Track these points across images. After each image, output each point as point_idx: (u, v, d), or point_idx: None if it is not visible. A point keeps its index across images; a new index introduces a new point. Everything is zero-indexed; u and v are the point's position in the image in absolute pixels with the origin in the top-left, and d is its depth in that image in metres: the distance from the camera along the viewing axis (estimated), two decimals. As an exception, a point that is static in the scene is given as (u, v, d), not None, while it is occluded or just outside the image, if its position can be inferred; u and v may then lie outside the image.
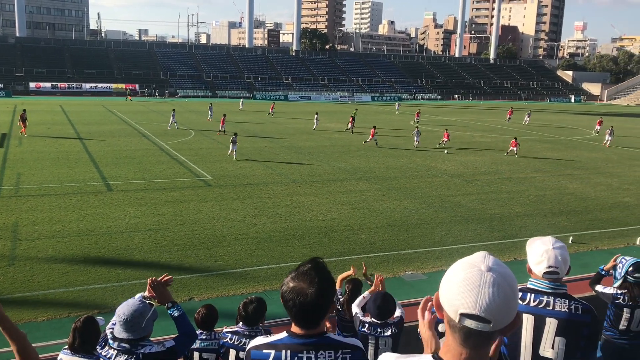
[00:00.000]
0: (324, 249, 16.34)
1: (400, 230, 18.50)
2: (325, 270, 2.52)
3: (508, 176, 28.08)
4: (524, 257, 13.18)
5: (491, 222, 19.87)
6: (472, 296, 1.69)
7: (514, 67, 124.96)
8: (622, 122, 62.83)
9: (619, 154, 37.22)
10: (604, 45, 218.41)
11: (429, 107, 77.64)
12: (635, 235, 18.83)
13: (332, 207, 21.01)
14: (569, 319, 3.49)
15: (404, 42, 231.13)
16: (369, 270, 14.11)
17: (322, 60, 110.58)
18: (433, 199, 22.94)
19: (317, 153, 33.30)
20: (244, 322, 5.41)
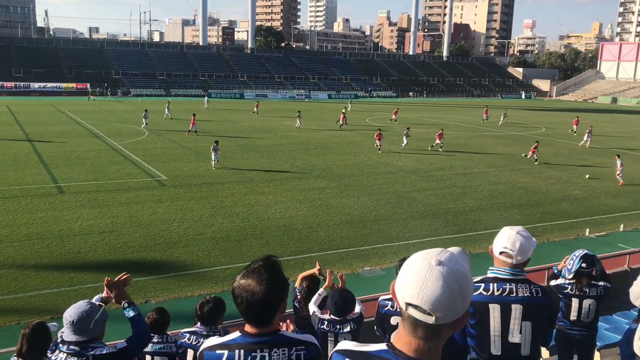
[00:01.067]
0: (283, 248, 16.30)
1: (359, 226, 18.62)
2: (276, 269, 2.50)
3: (462, 172, 28.61)
4: (479, 251, 13.53)
5: (446, 217, 20.20)
6: (416, 287, 1.73)
7: (466, 64, 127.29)
8: (570, 117, 64.73)
9: (568, 149, 38.39)
10: (552, 43, 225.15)
11: (386, 105, 78.39)
12: (584, 227, 19.47)
13: (291, 205, 20.97)
14: (531, 303, 3.58)
15: (359, 40, 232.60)
16: (329, 268, 14.17)
17: (277, 58, 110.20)
18: (390, 195, 23.17)
19: (274, 151, 33.18)
20: (201, 323, 5.39)
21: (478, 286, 3.64)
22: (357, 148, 35.46)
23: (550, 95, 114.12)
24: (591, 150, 37.70)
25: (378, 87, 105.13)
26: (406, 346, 1.81)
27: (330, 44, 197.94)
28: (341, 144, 36.93)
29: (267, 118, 54.03)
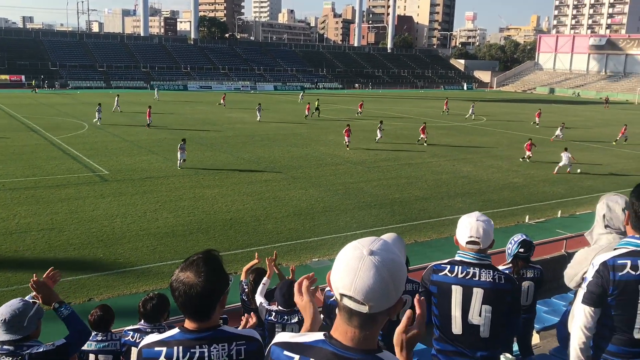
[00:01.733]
0: (230, 241, 16.15)
1: (307, 218, 18.65)
2: (215, 262, 2.47)
3: (407, 162, 29.04)
4: (424, 239, 13.77)
5: (392, 207, 20.49)
6: (349, 278, 1.74)
7: (410, 56, 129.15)
8: (511, 107, 66.76)
9: (508, 138, 39.53)
10: (493, 35, 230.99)
11: (333, 96, 78.69)
12: (524, 214, 20.14)
13: (237, 198, 20.79)
14: (493, 288, 3.71)
15: (304, 31, 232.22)
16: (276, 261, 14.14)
17: (222, 49, 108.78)
18: (337, 186, 23.30)
19: (220, 144, 32.79)
20: (145, 320, 5.28)
21: (444, 267, 3.81)
22: (304, 140, 35.47)
23: (491, 86, 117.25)
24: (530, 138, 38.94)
25: (324, 78, 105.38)
26: (342, 335, 1.83)
27: (275, 35, 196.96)
28: (288, 136, 36.85)
29: (212, 110, 53.33)
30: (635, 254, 3.18)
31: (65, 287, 12.38)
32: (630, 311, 3.18)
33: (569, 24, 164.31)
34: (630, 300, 3.16)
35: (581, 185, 25.06)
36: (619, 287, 3.16)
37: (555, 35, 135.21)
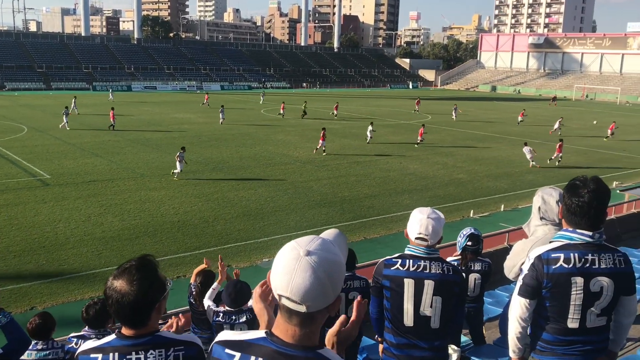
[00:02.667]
0: (178, 244, 15.92)
1: (256, 218, 18.57)
2: (148, 269, 2.43)
3: (355, 160, 29.30)
4: (373, 236, 13.92)
5: (342, 205, 20.64)
6: (285, 279, 1.77)
7: (356, 55, 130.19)
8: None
9: (453, 135, 40.43)
10: (437, 34, 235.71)
11: (281, 96, 78.45)
12: (469, 209, 20.66)
13: (185, 200, 20.51)
14: (442, 279, 3.82)
15: (250, 30, 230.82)
16: (227, 262, 14.02)
17: (166, 48, 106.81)
18: (287, 185, 23.29)
19: (166, 145, 32.22)
20: (89, 326, 5.16)
21: (395, 261, 3.89)
22: (253, 140, 35.27)
23: (435, 84, 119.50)
24: (473, 135, 39.96)
25: (271, 78, 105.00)
26: (283, 333, 1.85)
27: (221, 35, 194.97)
28: (236, 136, 36.56)
29: (157, 110, 52.33)
30: (568, 247, 3.30)
31: (6, 297, 11.92)
32: (563, 302, 3.31)
33: (509, 23, 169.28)
34: (564, 292, 3.29)
35: (522, 180, 25.89)
36: (553, 279, 3.28)
37: (496, 34, 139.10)
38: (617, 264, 3.30)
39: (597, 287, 3.27)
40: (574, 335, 3.33)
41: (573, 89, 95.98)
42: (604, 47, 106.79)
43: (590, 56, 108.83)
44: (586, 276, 3.26)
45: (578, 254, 3.27)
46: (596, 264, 3.27)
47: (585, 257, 3.27)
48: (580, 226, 3.31)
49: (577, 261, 3.26)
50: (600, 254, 3.29)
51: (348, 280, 5.90)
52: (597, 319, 3.32)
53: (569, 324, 3.32)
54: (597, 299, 3.28)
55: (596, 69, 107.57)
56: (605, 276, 3.26)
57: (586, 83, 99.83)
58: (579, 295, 3.28)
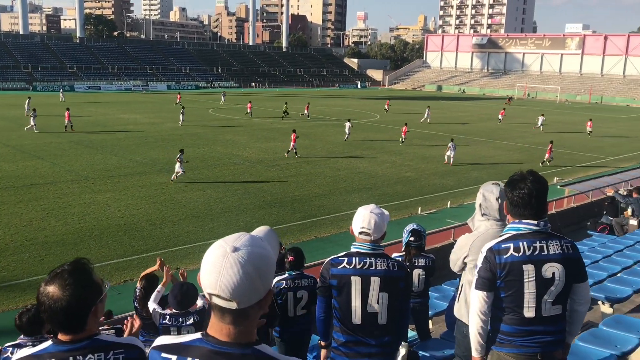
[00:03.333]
0: (125, 248, 15.56)
1: (205, 220, 18.36)
2: (82, 273, 2.37)
3: (305, 160, 29.34)
4: (324, 235, 13.97)
5: (292, 204, 20.64)
6: (213, 276, 1.76)
7: (305, 55, 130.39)
8: (402, 105, 69.24)
9: (400, 134, 40.95)
10: (384, 34, 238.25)
11: (228, 95, 77.71)
12: (416, 206, 21.02)
13: (131, 202, 20.06)
14: (388, 275, 3.85)
15: (197, 29, 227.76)
16: (175, 264, 13.81)
17: (110, 48, 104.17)
18: (236, 186, 23.11)
19: (111, 146, 31.44)
20: (24, 334, 5.01)
21: (342, 260, 3.90)
22: (201, 140, 34.82)
23: (383, 84, 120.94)
24: (420, 134, 40.66)
25: (219, 77, 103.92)
26: (218, 332, 1.84)
27: (167, 34, 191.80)
28: (183, 136, 36.02)
29: (102, 111, 50.98)
30: (516, 237, 3.45)
31: (-60, 307, 11.39)
32: (518, 291, 3.42)
33: (453, 24, 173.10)
34: (517, 280, 3.41)
35: (468, 177, 26.51)
36: (505, 269, 3.40)
37: (441, 34, 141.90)
38: (565, 250, 3.43)
39: (549, 273, 3.39)
40: (531, 325, 3.43)
41: (515, 88, 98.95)
42: (544, 47, 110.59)
43: (531, 56, 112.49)
44: (537, 263, 3.39)
45: (527, 243, 3.41)
46: (545, 250, 3.40)
47: (534, 245, 3.41)
48: (524, 217, 3.45)
49: (526, 249, 3.40)
50: (548, 241, 3.43)
51: (296, 279, 5.93)
52: (553, 307, 3.42)
53: (526, 313, 3.42)
54: (550, 286, 3.39)
55: (537, 69, 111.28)
56: (556, 262, 3.39)
57: (527, 82, 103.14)
58: (531, 283, 3.39)
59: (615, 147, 37.71)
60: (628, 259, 9.16)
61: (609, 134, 44.86)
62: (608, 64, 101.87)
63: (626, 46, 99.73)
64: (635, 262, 8.84)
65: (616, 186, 19.26)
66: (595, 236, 13.47)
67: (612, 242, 11.47)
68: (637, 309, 7.30)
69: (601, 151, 35.76)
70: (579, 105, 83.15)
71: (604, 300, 6.80)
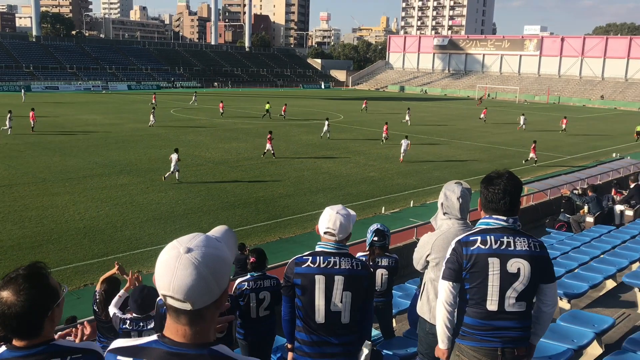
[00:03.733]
0: (85, 251, 15.23)
1: (167, 222, 18.11)
2: (37, 277, 2.31)
3: (269, 160, 29.23)
4: (289, 235, 13.94)
5: (257, 205, 20.54)
6: (167, 278, 1.74)
7: (268, 55, 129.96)
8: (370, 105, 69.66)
9: (364, 134, 41.25)
10: (347, 35, 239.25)
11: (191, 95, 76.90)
12: (380, 205, 21.17)
13: (91, 205, 19.65)
14: (352, 274, 3.89)
15: (158, 29, 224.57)
16: (137, 267, 13.58)
17: (69, 47, 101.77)
18: (199, 187, 22.87)
19: (69, 148, 30.74)
20: None
21: (306, 259, 3.92)
22: (163, 141, 34.34)
23: (347, 85, 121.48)
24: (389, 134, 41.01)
25: (181, 77, 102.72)
26: (174, 333, 1.82)
27: (127, 33, 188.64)
28: (144, 137, 35.47)
29: (60, 112, 49.78)
30: (484, 231, 3.53)
31: None
32: (482, 283, 3.48)
33: (415, 25, 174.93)
34: (482, 272, 3.47)
35: (430, 176, 26.84)
36: (471, 260, 3.47)
37: (404, 35, 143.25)
38: (532, 248, 3.49)
39: (514, 268, 3.45)
40: (493, 319, 3.47)
41: (476, 89, 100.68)
42: (504, 48, 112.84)
43: (491, 57, 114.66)
44: (502, 257, 3.45)
45: (494, 237, 3.49)
46: (512, 246, 3.47)
47: (501, 240, 3.48)
48: (496, 213, 3.54)
49: (493, 243, 3.47)
50: (515, 237, 3.50)
51: (259, 280, 5.90)
52: (516, 303, 3.46)
53: (489, 306, 3.47)
54: (515, 281, 3.45)
55: (497, 70, 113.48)
56: (522, 258, 3.45)
57: (488, 83, 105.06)
58: (496, 276, 3.45)
59: (572, 147, 38.74)
60: (585, 255, 9.41)
61: (566, 133, 46.05)
62: (565, 65, 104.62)
63: (582, 48, 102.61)
64: (592, 258, 9.09)
65: (573, 184, 19.79)
66: (553, 233, 13.81)
67: (569, 239, 11.77)
68: (593, 304, 7.50)
69: (559, 150, 36.68)
70: (537, 105, 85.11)
71: (562, 295, 6.98)
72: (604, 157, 34.22)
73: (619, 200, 15.96)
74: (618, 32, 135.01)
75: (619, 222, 14.85)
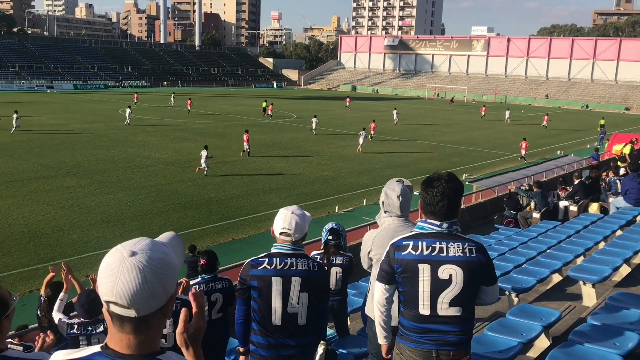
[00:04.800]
0: (30, 256, 14.72)
1: (117, 224, 17.69)
2: None
3: (222, 160, 28.93)
4: (242, 236, 13.82)
5: (209, 206, 20.29)
6: (110, 282, 1.65)
7: (219, 54, 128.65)
8: (317, 104, 69.86)
9: (319, 133, 41.32)
10: (298, 35, 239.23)
11: (140, 94, 75.35)
12: (334, 204, 21.26)
13: (36, 208, 19.00)
14: (308, 275, 3.86)
15: (105, 27, 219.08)
16: (85, 272, 13.19)
17: (10, 45, 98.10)
18: (149, 189, 22.43)
19: (12, 149, 29.64)
20: None
21: (262, 261, 3.87)
22: (111, 141, 33.52)
23: (299, 84, 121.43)
24: (335, 132, 41.16)
25: (129, 76, 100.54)
26: (118, 344, 1.72)
27: (72, 31, 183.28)
28: (92, 138, 34.55)
29: (2, 112, 47.90)
30: (418, 236, 3.45)
31: None
32: (413, 288, 3.43)
33: (366, 25, 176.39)
34: (412, 278, 3.42)
35: (382, 175, 27.08)
36: (402, 265, 3.42)
37: (355, 35, 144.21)
38: (467, 253, 3.38)
39: (445, 274, 3.37)
40: (427, 322, 3.43)
41: (425, 89, 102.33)
42: (452, 49, 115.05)
43: (440, 57, 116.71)
44: (433, 263, 3.38)
45: (426, 242, 3.40)
46: (444, 251, 3.38)
47: (433, 245, 3.39)
48: (433, 215, 3.45)
49: (424, 249, 3.39)
50: (449, 243, 3.39)
51: (210, 282, 5.82)
52: (450, 308, 3.38)
53: (421, 310, 3.42)
54: (446, 287, 3.38)
55: (445, 70, 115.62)
56: (454, 264, 3.36)
57: (437, 83, 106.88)
58: (426, 282, 3.39)
59: (518, 144, 39.82)
60: (532, 250, 9.66)
61: (513, 132, 47.32)
62: (511, 65, 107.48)
63: (527, 48, 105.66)
64: (539, 253, 9.35)
65: (520, 181, 20.34)
66: (501, 229, 14.15)
67: (517, 235, 12.08)
68: (541, 297, 7.72)
69: (506, 148, 37.66)
70: (485, 104, 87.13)
71: (510, 290, 7.14)
72: (548, 154, 35.32)
73: (564, 196, 16.50)
74: (561, 33, 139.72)
75: (562, 218, 15.36)
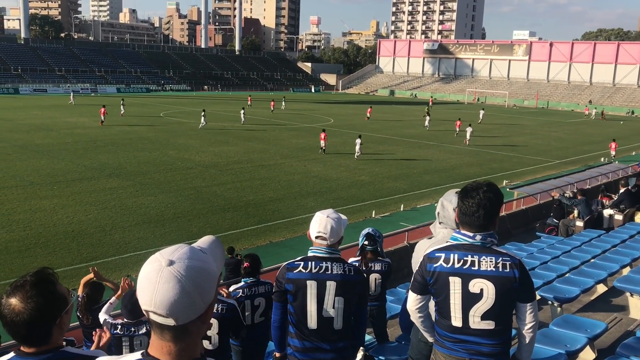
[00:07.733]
0: (73, 255, 15.09)
1: (157, 225, 17.98)
2: (45, 284, 2.26)
3: (260, 164, 29.17)
4: (279, 239, 13.86)
5: (247, 209, 20.45)
6: (148, 293, 1.64)
7: (258, 58, 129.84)
8: (355, 109, 69.75)
9: (353, 137, 41.17)
10: (337, 39, 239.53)
11: (181, 98, 76.67)
12: (371, 209, 21.16)
13: (80, 208, 19.48)
14: (344, 280, 3.84)
15: (148, 31, 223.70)
16: (126, 272, 13.46)
17: (57, 49, 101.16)
18: (189, 191, 22.75)
19: (58, 151, 30.49)
20: None
21: (298, 264, 3.87)
22: (152, 144, 34.17)
23: (337, 88, 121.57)
24: (373, 137, 41.03)
25: (171, 80, 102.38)
26: (159, 351, 1.72)
27: (116, 36, 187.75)
28: (134, 140, 35.27)
29: (48, 114, 49.42)
30: (451, 248, 3.38)
31: None
32: (444, 300, 3.39)
33: (405, 29, 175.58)
34: (444, 290, 3.37)
35: (420, 180, 26.87)
36: (433, 277, 3.39)
37: (394, 40, 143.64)
38: (499, 268, 3.28)
39: (476, 288, 3.30)
40: (459, 333, 3.39)
41: (465, 93, 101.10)
42: (493, 53, 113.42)
43: (480, 62, 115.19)
44: (464, 277, 3.31)
45: (458, 255, 3.33)
46: (476, 265, 3.30)
47: (465, 259, 3.32)
48: (468, 226, 3.36)
49: (455, 262, 3.33)
50: (482, 256, 3.31)
51: (253, 287, 5.84)
52: (482, 322, 3.31)
53: (453, 322, 3.39)
54: (477, 301, 3.31)
55: (486, 74, 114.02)
56: (486, 279, 3.28)
57: (477, 87, 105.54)
58: (457, 295, 3.33)
59: (561, 151, 38.99)
60: (575, 259, 9.42)
61: (555, 137, 46.34)
62: (553, 70, 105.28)
63: (570, 53, 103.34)
64: (582, 262, 9.10)
65: (562, 189, 19.87)
66: (543, 237, 13.83)
67: (559, 244, 11.79)
68: (584, 308, 7.51)
69: (548, 155, 36.88)
70: (526, 110, 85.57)
71: (553, 300, 6.96)
72: (592, 161, 34.45)
73: (608, 205, 16.04)
74: (607, 37, 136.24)
75: (607, 226, 14.92)
